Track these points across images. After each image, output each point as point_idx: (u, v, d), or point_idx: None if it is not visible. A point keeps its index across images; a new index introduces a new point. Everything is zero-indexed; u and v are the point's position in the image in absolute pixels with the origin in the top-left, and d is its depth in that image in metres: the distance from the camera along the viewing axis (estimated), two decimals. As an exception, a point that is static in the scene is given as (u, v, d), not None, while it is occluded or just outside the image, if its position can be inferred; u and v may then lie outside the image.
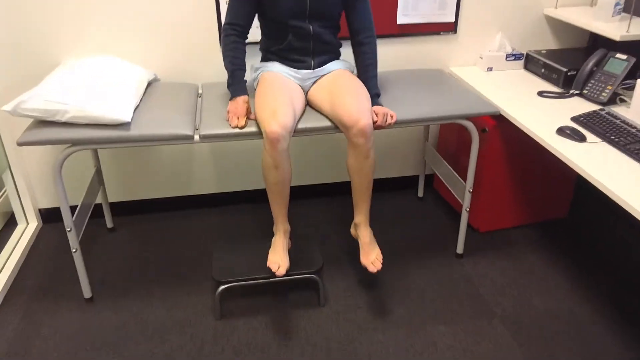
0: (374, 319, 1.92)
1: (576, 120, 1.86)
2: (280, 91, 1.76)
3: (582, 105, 2.01)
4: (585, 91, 2.07)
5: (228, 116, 1.81)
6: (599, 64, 2.08)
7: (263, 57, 1.98)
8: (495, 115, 1.97)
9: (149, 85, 2.11)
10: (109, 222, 2.42)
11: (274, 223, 1.86)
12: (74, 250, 1.88)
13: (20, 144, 1.67)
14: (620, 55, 2.02)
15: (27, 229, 2.39)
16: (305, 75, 1.92)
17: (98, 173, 2.26)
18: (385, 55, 2.38)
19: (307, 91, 1.96)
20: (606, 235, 2.39)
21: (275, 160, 1.67)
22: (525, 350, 1.80)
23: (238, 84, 1.84)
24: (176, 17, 2.14)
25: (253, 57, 2.16)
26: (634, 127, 1.75)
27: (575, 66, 2.14)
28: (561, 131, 1.77)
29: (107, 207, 2.39)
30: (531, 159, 2.26)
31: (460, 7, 2.33)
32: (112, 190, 2.46)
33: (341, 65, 1.96)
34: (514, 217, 2.40)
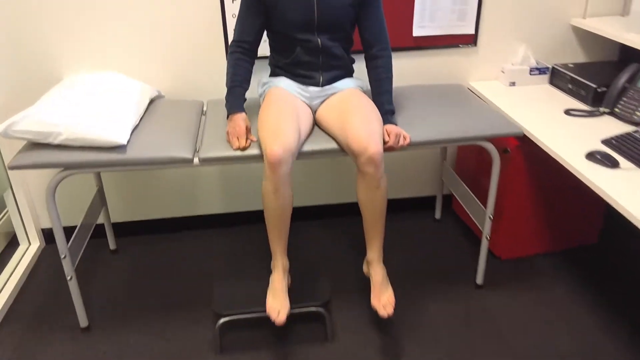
0: (385, 358, 1.78)
1: (607, 143, 1.70)
2: (285, 109, 1.65)
3: (613, 126, 1.84)
4: (616, 110, 1.91)
5: (228, 138, 1.70)
6: (632, 79, 1.91)
7: (271, 72, 1.88)
8: (518, 135, 1.82)
9: (151, 103, 2.02)
10: (111, 244, 2.33)
11: (272, 257, 1.74)
12: (69, 277, 1.79)
13: (10, 167, 1.59)
14: (657, 71, 1.86)
15: (28, 249, 2.32)
16: (314, 93, 1.81)
17: (100, 193, 2.18)
18: (400, 69, 2.25)
19: (315, 110, 1.84)
20: (639, 263, 2.21)
21: (275, 184, 1.55)
22: (551, 395, 1.64)
23: (234, 100, 1.73)
24: (182, 32, 2.05)
25: (263, 70, 2.06)
26: (674, 152, 1.59)
27: (606, 82, 1.98)
28: (591, 156, 1.62)
29: (110, 228, 2.30)
30: (557, 181, 2.10)
31: (480, 18, 2.19)
32: (115, 210, 2.37)
33: (352, 84, 1.84)
34: (539, 244, 2.24)
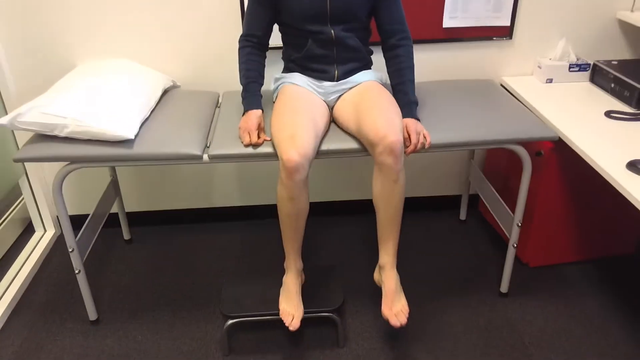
0: (399, 368, 1.70)
1: (653, 151, 1.55)
2: (301, 110, 1.56)
3: (660, 131, 1.69)
4: (665, 113, 1.74)
5: (240, 133, 1.62)
6: (684, 80, 1.74)
7: (285, 67, 1.78)
8: (552, 139, 1.68)
9: (165, 93, 1.95)
10: (125, 234, 2.30)
11: (285, 258, 1.67)
12: (77, 271, 1.76)
13: (16, 160, 1.55)
14: None
15: (43, 236, 2.31)
16: (329, 88, 1.70)
17: (114, 183, 2.13)
18: (427, 63, 2.11)
19: (332, 106, 1.74)
20: (681, 278, 2.05)
21: (290, 191, 1.47)
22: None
23: (252, 97, 1.65)
24: (200, 20, 1.97)
25: (275, 63, 1.96)
26: None
27: (654, 82, 1.81)
28: (632, 166, 1.47)
29: (124, 217, 2.27)
30: (593, 186, 1.95)
31: (517, 9, 2.04)
32: (130, 199, 2.33)
33: (370, 77, 1.72)
34: (571, 252, 2.09)
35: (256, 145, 1.58)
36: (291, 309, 1.59)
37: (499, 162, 2.19)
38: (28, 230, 2.37)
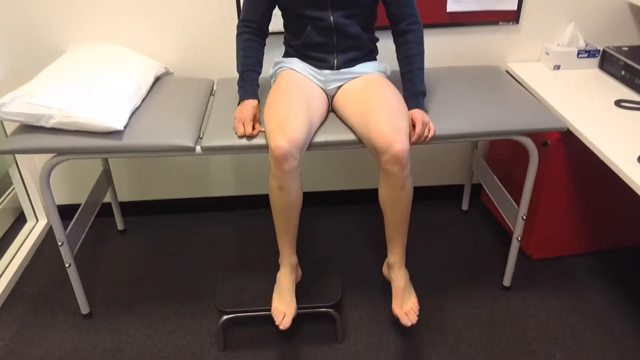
0: (399, 364, 1.66)
1: (665, 144, 1.48)
2: (295, 97, 1.49)
3: (672, 121, 1.62)
4: (677, 102, 1.67)
5: (234, 123, 1.56)
6: (698, 68, 1.67)
7: (285, 52, 1.71)
8: (561, 130, 1.61)
9: (157, 80, 1.87)
10: (119, 224, 2.24)
11: (279, 253, 1.61)
12: (68, 265, 1.71)
13: (1, 152, 1.48)
14: None
15: (36, 226, 2.26)
16: (329, 76, 1.63)
17: (106, 173, 2.07)
18: (430, 49, 2.03)
19: (332, 95, 1.67)
20: (688, 271, 2.00)
21: (280, 180, 1.41)
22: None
23: (248, 86, 1.58)
24: (193, 5, 1.88)
25: (278, 48, 1.88)
26: None
27: (666, 69, 1.74)
28: (645, 159, 1.41)
29: (117, 207, 2.21)
30: (600, 177, 1.89)
31: (525, -8, 1.95)
32: (123, 189, 2.27)
33: (373, 69, 1.64)
34: (576, 244, 2.04)
35: (250, 137, 1.51)
36: (283, 306, 1.54)
37: (503, 151, 2.12)
38: (20, 220, 2.32)
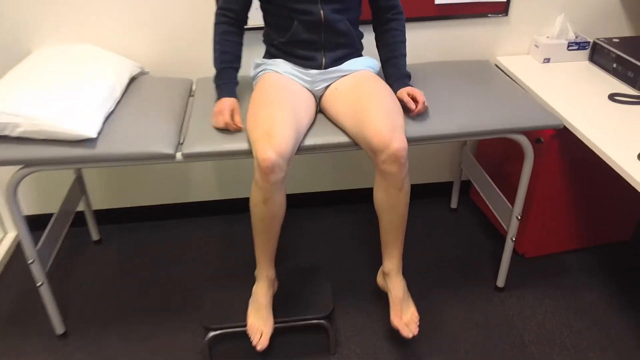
0: (395, 374, 1.60)
1: (664, 140, 1.44)
2: (281, 102, 1.39)
3: (668, 116, 1.58)
4: (672, 96, 1.64)
5: (213, 118, 1.48)
6: (692, 60, 1.64)
7: (266, 52, 1.60)
8: (557, 127, 1.55)
9: (132, 81, 1.76)
10: (94, 234, 2.12)
11: (256, 264, 1.52)
12: (39, 284, 1.59)
13: (-40, 165, 1.36)
14: None
15: (4, 239, 2.12)
16: (316, 76, 1.54)
17: (79, 180, 1.95)
18: (418, 42, 1.96)
19: (319, 96, 1.58)
20: (679, 264, 1.99)
21: (265, 193, 1.32)
22: None
23: (226, 85, 1.49)
24: (168, 2, 1.76)
25: (255, 45, 1.78)
26: None
27: (659, 62, 1.70)
28: (647, 157, 1.36)
29: (92, 217, 2.08)
30: (592, 173, 1.85)
31: (513, -17, 1.89)
32: (97, 196, 2.14)
33: (362, 65, 1.56)
34: (568, 241, 2.01)
35: (234, 129, 1.44)
36: (260, 323, 1.46)
37: (493, 147, 2.07)
38: (-13, 231, 2.18)
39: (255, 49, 1.79)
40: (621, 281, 1.91)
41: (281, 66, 1.52)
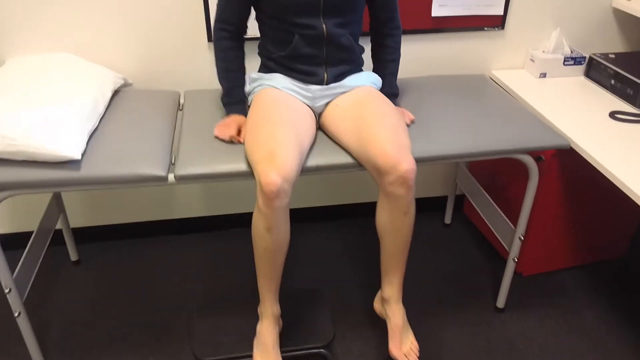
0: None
1: (672, 161, 1.42)
2: (282, 121, 1.30)
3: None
4: (672, 114, 1.62)
5: (217, 129, 1.43)
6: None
7: (262, 66, 1.52)
8: (564, 147, 1.51)
9: (115, 94, 1.65)
10: (72, 254, 1.99)
11: (259, 301, 1.43)
12: (17, 314, 1.46)
13: None
14: None
15: (-27, 260, 1.97)
16: (317, 92, 1.46)
17: (57, 198, 1.83)
18: (412, 55, 1.91)
19: (319, 113, 1.50)
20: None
21: (269, 220, 1.23)
22: None
23: (235, 104, 1.46)
24: (155, 6, 1.66)
25: (248, 56, 1.69)
26: None
27: (658, 79, 1.68)
28: (657, 180, 1.33)
29: (70, 236, 1.96)
30: (590, 191, 1.82)
31: (510, -3, 1.86)
32: (75, 213, 2.02)
33: (364, 81, 1.49)
34: (563, 258, 1.98)
35: (237, 142, 1.40)
36: None
37: (489, 161, 2.03)
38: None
39: (248, 59, 1.70)
40: (618, 299, 1.88)
41: (280, 81, 1.44)
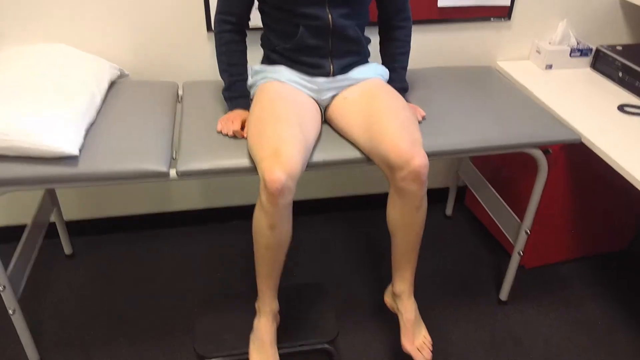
0: (403, 400, 1.51)
1: (684, 157, 1.39)
2: (287, 116, 1.26)
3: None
4: (681, 108, 1.60)
5: (220, 124, 1.39)
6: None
7: (265, 58, 1.46)
8: (574, 142, 1.48)
9: (112, 86, 1.59)
10: (66, 247, 1.94)
11: (257, 297, 1.39)
12: (12, 311, 1.42)
13: None
14: None
15: (-36, 254, 1.91)
16: (323, 84, 1.41)
17: (50, 191, 1.77)
18: (418, 46, 1.86)
19: (325, 105, 1.46)
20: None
21: (272, 218, 1.19)
22: None
23: (238, 98, 1.41)
24: (148, -8, 1.60)
25: (250, 47, 1.64)
26: None
27: (667, 71, 1.66)
28: (670, 176, 1.31)
29: (64, 229, 1.90)
30: (595, 184, 1.81)
31: (518, -14, 1.81)
32: (69, 205, 1.96)
33: (372, 73, 1.44)
34: (566, 250, 1.97)
35: (241, 137, 1.36)
36: None
37: (495, 154, 2.00)
38: (-57, 246, 1.96)
39: (250, 50, 1.65)
40: (621, 292, 1.88)
41: (284, 74, 1.39)
